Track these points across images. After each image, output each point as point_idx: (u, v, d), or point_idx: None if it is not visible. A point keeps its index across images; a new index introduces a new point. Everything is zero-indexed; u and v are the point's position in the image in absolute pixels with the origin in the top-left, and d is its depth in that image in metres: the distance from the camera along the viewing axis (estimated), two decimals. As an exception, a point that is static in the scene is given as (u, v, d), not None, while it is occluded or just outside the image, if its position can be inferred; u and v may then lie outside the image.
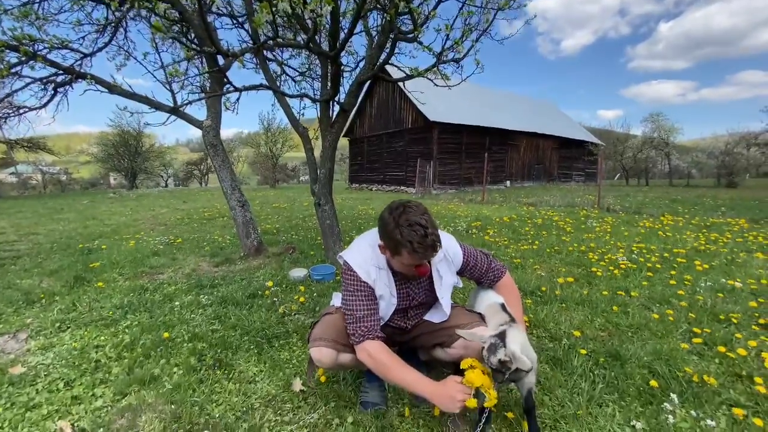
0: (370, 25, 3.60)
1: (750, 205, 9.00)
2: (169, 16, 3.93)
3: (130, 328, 2.39)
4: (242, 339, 2.22)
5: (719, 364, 1.88)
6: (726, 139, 25.46)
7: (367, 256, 1.49)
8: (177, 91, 3.07)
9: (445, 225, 6.22)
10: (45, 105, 4.17)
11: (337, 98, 3.56)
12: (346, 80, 3.92)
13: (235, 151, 39.02)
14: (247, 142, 35.56)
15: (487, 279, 1.68)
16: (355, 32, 3.13)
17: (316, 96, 3.86)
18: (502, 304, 1.56)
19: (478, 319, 1.56)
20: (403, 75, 3.35)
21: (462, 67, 3.33)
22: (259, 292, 2.99)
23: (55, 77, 3.97)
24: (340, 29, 3.05)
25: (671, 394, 1.59)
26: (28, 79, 3.91)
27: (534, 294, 2.88)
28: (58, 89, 4.08)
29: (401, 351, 1.73)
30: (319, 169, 3.79)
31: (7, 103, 5.38)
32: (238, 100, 4.19)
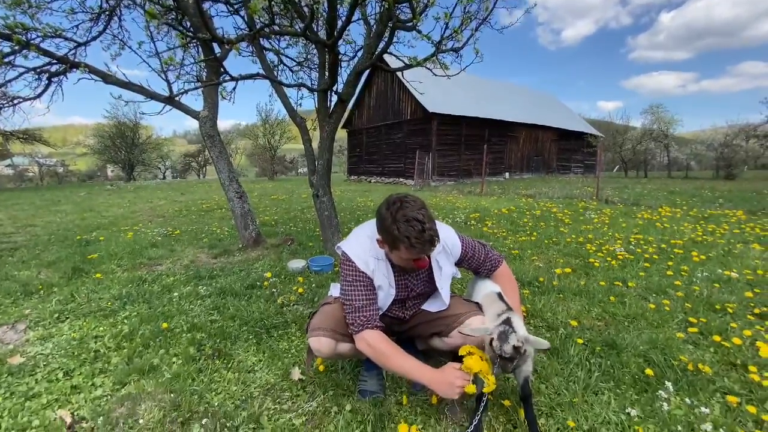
0: (368, 13, 3.55)
1: (748, 197, 9.02)
2: (164, 3, 3.87)
3: (128, 319, 2.39)
4: (241, 329, 2.22)
5: (714, 352, 1.90)
6: (725, 131, 25.40)
7: (365, 247, 1.49)
8: (173, 81, 3.04)
9: (444, 217, 6.22)
10: (39, 95, 4.12)
11: (335, 88, 3.52)
12: (344, 70, 3.88)
13: (233, 142, 38.81)
14: (244, 134, 35.37)
15: (484, 269, 1.69)
16: (353, 20, 3.08)
17: (314, 86, 3.83)
18: (499, 293, 1.57)
19: (476, 309, 1.57)
20: (402, 64, 3.31)
21: (461, 57, 3.30)
22: (258, 283, 3.00)
23: (49, 67, 3.92)
24: (338, 17, 3.01)
25: (666, 382, 1.61)
26: (21, 69, 3.87)
27: (532, 284, 2.90)
28: (53, 79, 4.04)
29: (399, 341, 1.74)
30: (317, 160, 3.76)
31: (1, 93, 5.31)
32: (235, 90, 4.17)
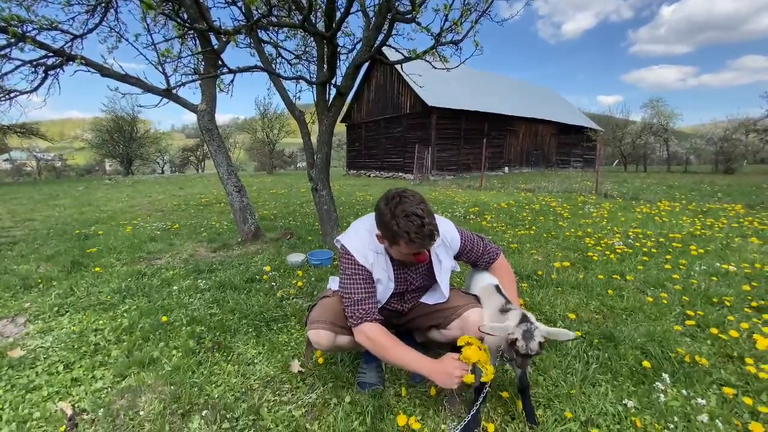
0: (367, 4, 3.52)
1: (747, 191, 9.03)
2: (161, -5, 3.82)
3: (128, 312, 2.40)
4: (240, 322, 2.23)
5: (711, 345, 1.91)
6: (725, 125, 25.37)
7: (364, 241, 1.49)
8: (170, 74, 3.01)
9: (443, 211, 6.23)
10: (36, 89, 4.09)
11: (333, 81, 3.50)
12: (342, 63, 3.85)
13: (232, 137, 38.62)
14: (243, 128, 35.19)
15: (482, 261, 1.70)
16: (352, 12, 3.06)
17: (313, 79, 3.80)
18: (497, 286, 1.58)
19: (474, 301, 1.58)
20: (401, 57, 3.29)
21: (461, 50, 3.28)
22: (257, 277, 3.00)
23: (46, 60, 3.88)
24: (336, 8, 2.98)
25: (663, 374, 1.62)
26: (17, 62, 3.83)
27: (530, 278, 2.91)
28: (49, 72, 4.00)
29: (398, 333, 1.74)
30: (316, 154, 3.75)
31: (-3, 86, 5.26)
32: (233, 82, 4.13)
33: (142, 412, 1.49)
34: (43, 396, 1.60)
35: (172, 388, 1.62)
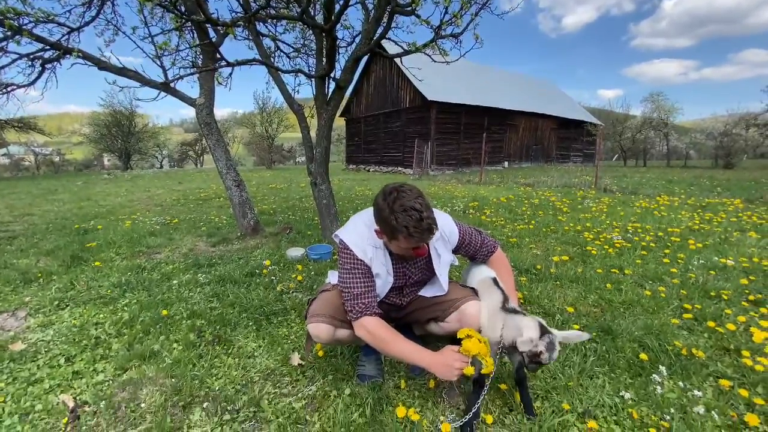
0: (367, -3, 3.49)
1: (746, 186, 9.04)
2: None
3: (128, 306, 2.40)
4: (241, 316, 2.24)
5: (708, 338, 1.93)
6: (725, 120, 25.30)
7: (363, 235, 1.49)
8: (168, 67, 2.98)
9: (443, 205, 6.23)
10: (33, 82, 4.06)
11: (332, 74, 3.48)
12: (341, 56, 3.83)
13: (230, 131, 38.44)
14: (242, 123, 35.03)
15: (480, 255, 1.71)
16: (351, 4, 3.04)
17: (311, 72, 3.78)
18: (494, 279, 1.60)
19: (471, 294, 1.59)
20: (401, 50, 3.27)
21: (461, 43, 3.26)
22: (257, 271, 3.01)
23: (43, 53, 3.85)
24: (335, 0, 2.95)
25: (660, 367, 1.64)
26: (14, 55, 3.80)
27: (529, 272, 2.92)
28: (46, 65, 3.97)
29: (396, 327, 1.75)
30: (315, 148, 3.74)
31: (-6, 80, 5.23)
32: (231, 76, 4.11)
33: (143, 405, 1.50)
34: (45, 389, 1.61)
35: (173, 380, 1.63)
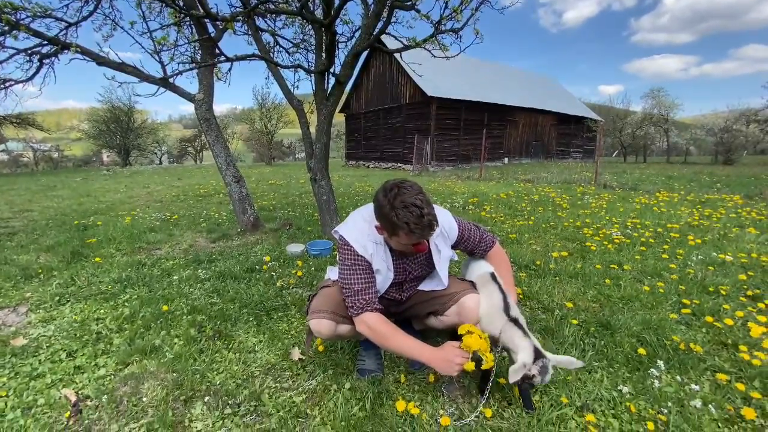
0: (366, -9, 3.47)
1: (746, 182, 9.04)
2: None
3: (129, 302, 2.41)
4: (241, 311, 2.25)
5: (706, 333, 1.94)
6: (726, 116, 25.23)
7: (364, 231, 1.50)
8: (167, 63, 2.97)
9: (442, 202, 6.23)
10: (31, 78, 4.04)
11: (332, 70, 3.47)
12: (341, 51, 3.81)
13: (230, 127, 38.31)
14: (241, 119, 34.87)
15: (479, 250, 1.72)
16: (350, -1, 3.02)
17: (311, 68, 3.77)
18: (492, 274, 1.60)
19: (470, 287, 1.60)
20: (401, 45, 3.26)
21: (461, 38, 3.24)
22: (257, 267, 3.02)
23: (40, 48, 3.83)
24: (335, -4, 2.94)
25: (658, 361, 1.65)
26: (11, 50, 3.77)
27: (528, 268, 2.93)
28: (44, 61, 3.95)
29: (396, 322, 1.76)
30: (314, 144, 3.74)
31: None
32: (230, 71, 4.09)
33: (145, 399, 1.51)
34: (47, 383, 1.62)
35: (175, 375, 1.65)
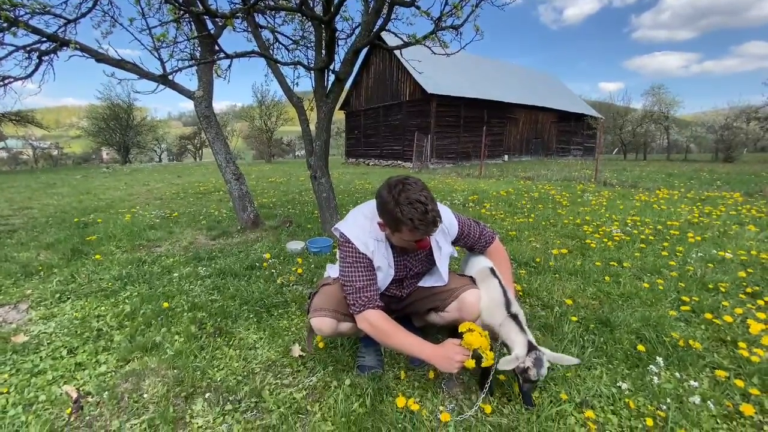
0: (366, -12, 3.46)
1: (746, 179, 9.03)
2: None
3: (130, 299, 2.42)
4: (241, 308, 2.26)
5: (705, 330, 1.94)
6: (726, 113, 25.17)
7: (365, 228, 1.50)
8: (166, 60, 2.95)
9: (442, 199, 6.23)
10: (30, 75, 4.03)
11: (332, 67, 3.46)
12: (341, 48, 3.80)
13: (229, 124, 38.26)
14: (240, 116, 34.81)
15: (479, 246, 1.72)
16: (350, -4, 3.00)
17: (311, 64, 3.75)
18: (492, 269, 1.61)
19: (470, 283, 1.60)
20: (401, 42, 3.25)
21: (461, 34, 3.24)
22: (257, 264, 3.02)
23: (39, 45, 3.82)
24: (335, -8, 2.92)
25: (657, 358, 1.65)
26: (10, 47, 3.77)
27: (528, 265, 2.93)
28: (43, 58, 3.94)
29: (396, 319, 1.77)
30: (314, 142, 3.73)
31: (-10, 73, 5.18)
32: (230, 68, 4.08)
33: (146, 395, 1.52)
34: (48, 380, 1.62)
35: (175, 371, 1.65)
